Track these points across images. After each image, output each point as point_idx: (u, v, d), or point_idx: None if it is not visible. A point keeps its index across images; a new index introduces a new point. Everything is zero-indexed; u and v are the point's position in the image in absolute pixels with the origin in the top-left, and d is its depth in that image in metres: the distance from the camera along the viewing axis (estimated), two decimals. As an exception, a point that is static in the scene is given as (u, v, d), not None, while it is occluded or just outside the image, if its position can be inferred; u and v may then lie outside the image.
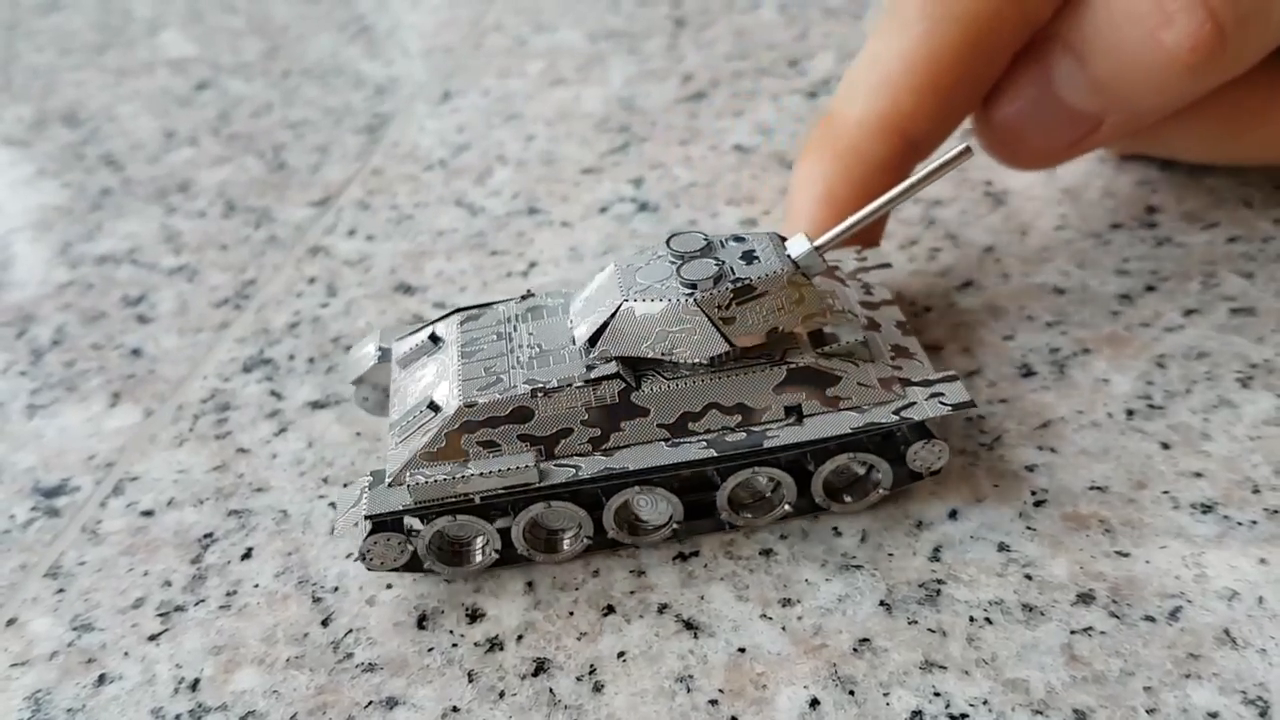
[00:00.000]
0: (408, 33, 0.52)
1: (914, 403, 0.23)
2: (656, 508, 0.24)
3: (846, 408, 0.23)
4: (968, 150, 0.23)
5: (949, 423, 0.26)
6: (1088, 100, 0.27)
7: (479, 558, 0.24)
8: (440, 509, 0.23)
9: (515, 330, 0.25)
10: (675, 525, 0.24)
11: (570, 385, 0.23)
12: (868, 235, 0.29)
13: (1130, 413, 0.26)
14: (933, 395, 0.24)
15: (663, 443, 0.23)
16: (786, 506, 0.24)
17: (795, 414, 0.23)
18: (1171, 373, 0.27)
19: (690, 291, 0.22)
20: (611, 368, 0.23)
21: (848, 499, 0.24)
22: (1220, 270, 0.30)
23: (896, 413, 0.23)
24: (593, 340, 0.23)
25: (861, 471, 0.24)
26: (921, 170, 0.23)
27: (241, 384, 0.31)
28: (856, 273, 0.28)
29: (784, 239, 0.24)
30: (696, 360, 0.23)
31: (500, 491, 0.23)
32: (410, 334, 0.26)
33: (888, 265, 0.28)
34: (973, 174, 0.35)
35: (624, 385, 0.23)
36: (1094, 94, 0.27)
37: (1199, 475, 0.24)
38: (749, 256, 0.23)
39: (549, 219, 0.36)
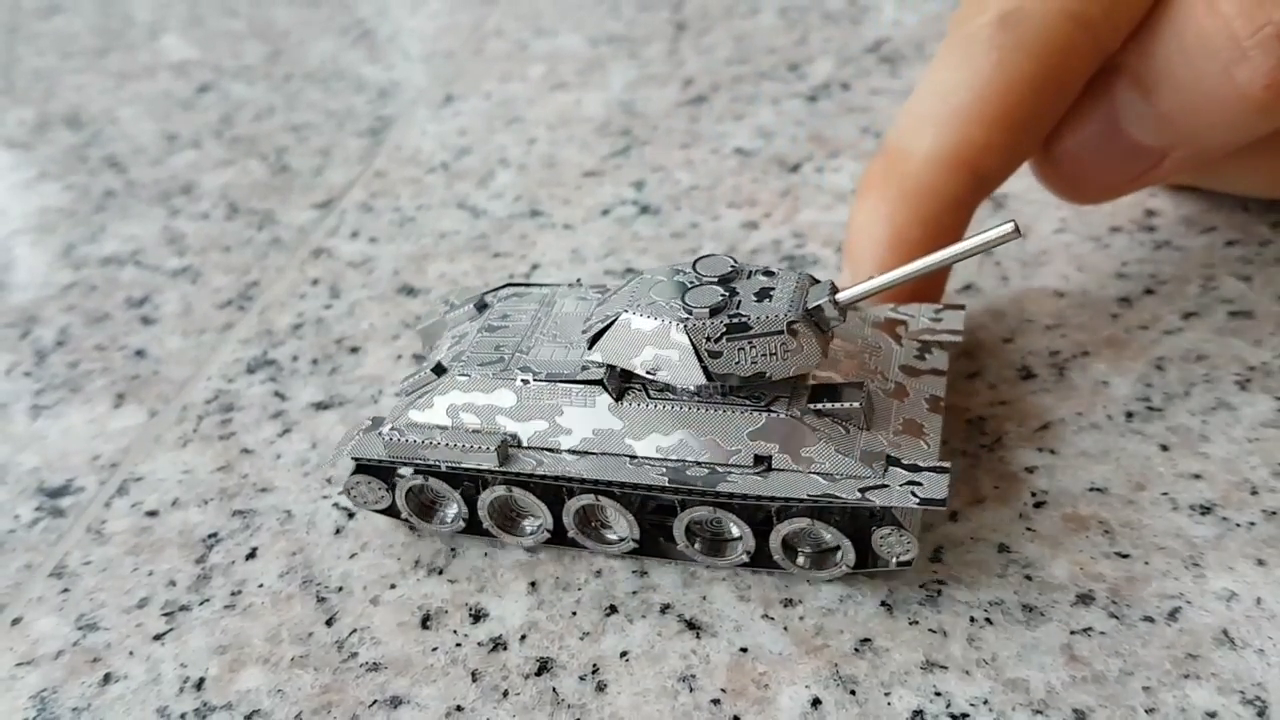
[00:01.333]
0: (409, 37, 0.52)
1: (886, 486, 0.22)
2: (618, 520, 0.24)
3: (816, 471, 0.22)
4: (1016, 231, 0.21)
5: (949, 425, 0.27)
6: (1153, 135, 0.26)
7: (449, 520, 0.25)
8: (413, 467, 0.24)
9: (546, 315, 0.25)
10: (633, 542, 0.24)
11: (556, 381, 0.23)
12: (929, 291, 0.28)
13: (1129, 415, 0.26)
14: (910, 483, 0.22)
15: (627, 458, 0.23)
16: (744, 555, 0.23)
17: (764, 464, 0.22)
18: (1170, 375, 0.27)
19: (685, 316, 0.22)
20: (598, 374, 0.23)
21: (801, 562, 0.23)
22: (1218, 274, 0.30)
23: (862, 491, 0.22)
24: (592, 343, 0.23)
25: (829, 540, 0.23)
26: (966, 243, 0.21)
27: (245, 385, 0.31)
28: (923, 332, 0.26)
29: (815, 281, 0.23)
30: (679, 385, 0.23)
31: (462, 466, 0.24)
32: (470, 297, 0.27)
33: (960, 308, 0.26)
34: (972, 178, 0.35)
35: (604, 393, 0.23)
36: (1160, 129, 0.26)
37: (1198, 477, 0.24)
38: (764, 294, 0.22)
39: (551, 221, 0.36)
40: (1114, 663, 0.21)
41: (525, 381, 0.23)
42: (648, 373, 0.22)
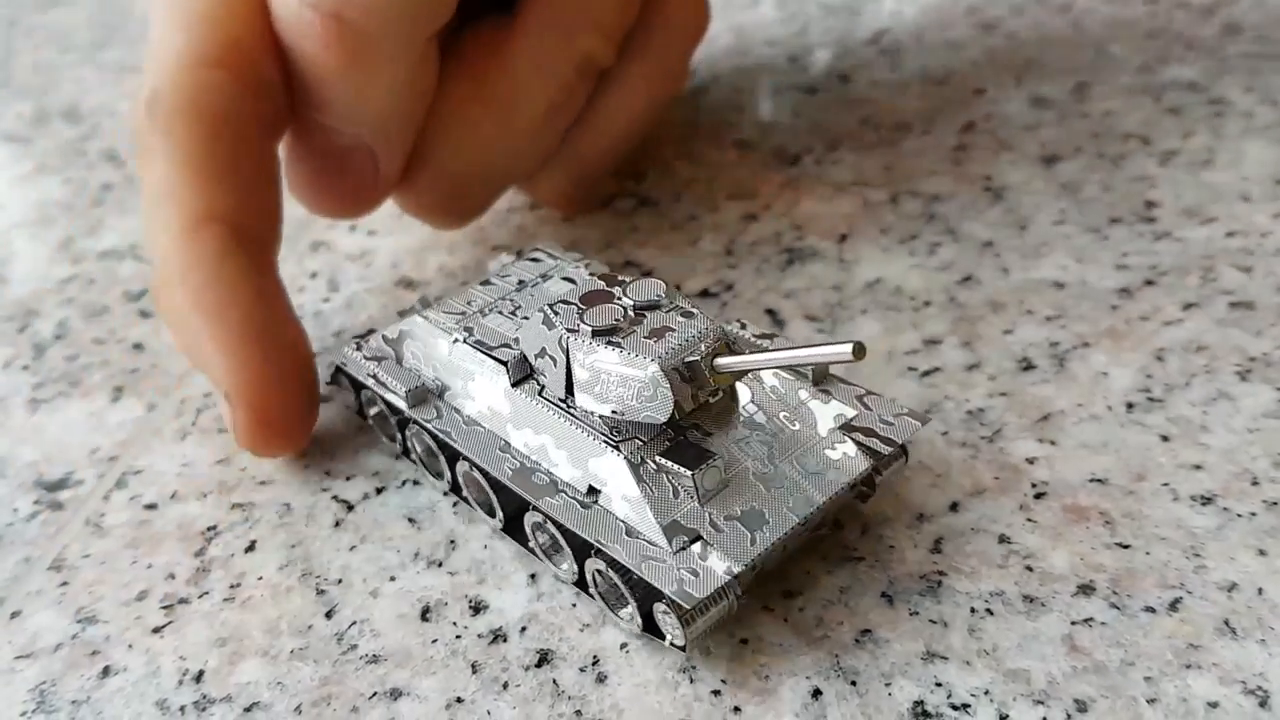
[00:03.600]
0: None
1: (664, 563, 0.21)
2: (487, 497, 0.25)
3: (626, 522, 0.22)
4: (851, 354, 0.20)
5: (949, 417, 0.26)
6: (339, 136, 0.29)
7: (397, 441, 0.27)
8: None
9: (532, 286, 0.26)
10: (500, 521, 0.25)
11: (478, 350, 0.24)
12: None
13: (1130, 406, 0.26)
14: (690, 571, 0.20)
15: (501, 443, 0.24)
16: (571, 572, 0.23)
17: (594, 497, 0.22)
18: (1171, 366, 0.27)
19: (572, 329, 0.22)
20: (516, 354, 0.24)
21: (607, 598, 0.23)
22: (1218, 265, 0.30)
23: (641, 558, 0.21)
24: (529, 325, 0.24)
25: (624, 593, 0.22)
26: (807, 350, 0.21)
27: (244, 378, 0.31)
28: (862, 431, 0.23)
29: (728, 343, 0.22)
30: (551, 391, 0.23)
31: (382, 397, 0.26)
32: (526, 249, 0.29)
33: (919, 421, 0.23)
34: (971, 169, 0.35)
35: (509, 374, 0.24)
36: (336, 124, 0.29)
37: (1198, 467, 0.24)
38: (661, 333, 0.22)
39: (551, 215, 0.36)
40: (1115, 653, 0.21)
41: (456, 340, 0.25)
42: (533, 370, 0.23)
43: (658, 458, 0.22)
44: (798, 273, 0.32)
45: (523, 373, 0.24)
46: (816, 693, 0.21)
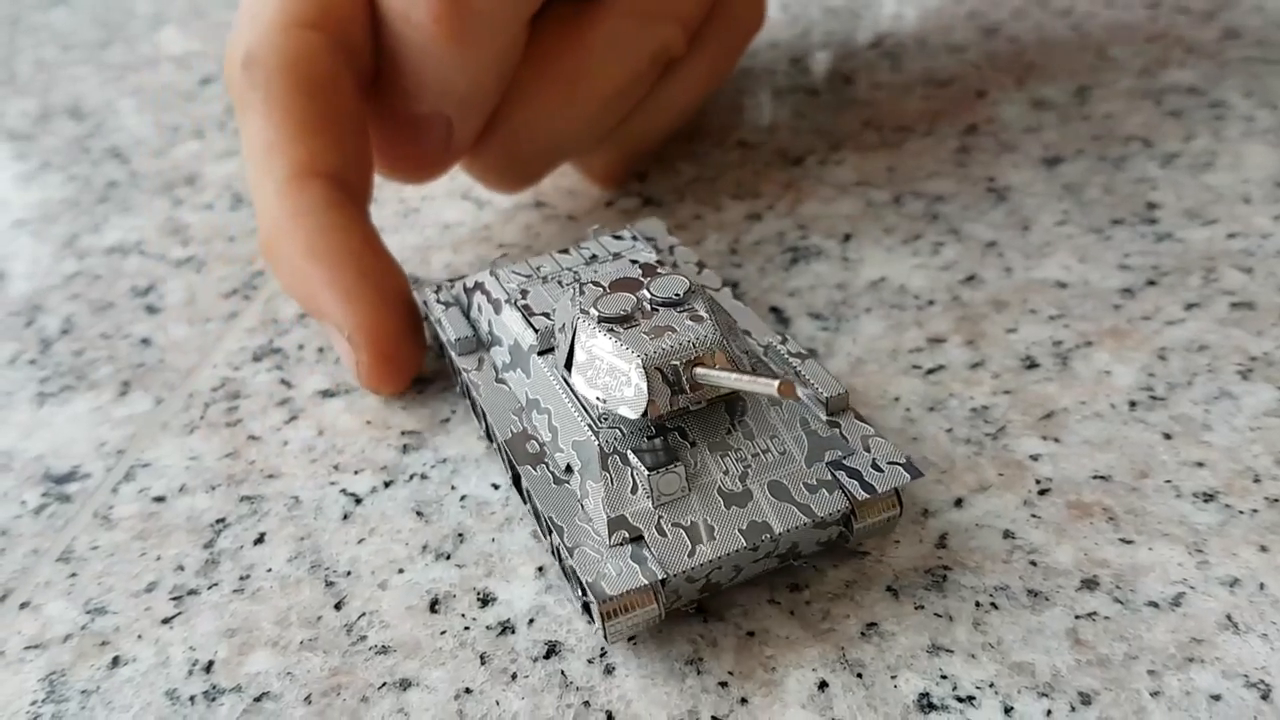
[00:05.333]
0: (411, 29, 0.52)
1: (596, 559, 0.21)
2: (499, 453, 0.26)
3: (584, 506, 0.22)
4: (776, 391, 0.20)
5: (954, 414, 0.27)
6: (421, 104, 0.30)
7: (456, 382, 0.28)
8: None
9: (609, 263, 0.26)
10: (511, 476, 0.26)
11: (522, 315, 0.25)
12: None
13: (1133, 404, 0.26)
14: (602, 574, 0.21)
15: (515, 406, 0.25)
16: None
17: (568, 475, 0.23)
18: (1173, 365, 0.27)
19: (584, 313, 0.23)
20: (549, 325, 0.25)
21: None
22: (1220, 265, 0.30)
23: (573, 546, 0.21)
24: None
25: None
26: (743, 378, 0.21)
27: (251, 373, 0.31)
28: (852, 473, 0.22)
29: (721, 346, 0.22)
30: (559, 366, 0.24)
31: (443, 341, 0.27)
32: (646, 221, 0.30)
33: (910, 474, 0.22)
34: (974, 170, 0.36)
35: (537, 342, 0.25)
36: (413, 93, 0.29)
37: (1200, 465, 0.25)
38: (663, 331, 0.22)
39: (555, 213, 0.36)
40: (1119, 647, 0.21)
41: (507, 300, 0.26)
42: (553, 342, 0.24)
43: (629, 452, 0.22)
44: (802, 272, 0.32)
45: (548, 343, 0.24)
46: (823, 684, 0.21)
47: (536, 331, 0.25)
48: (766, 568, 0.23)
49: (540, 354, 0.24)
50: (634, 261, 0.26)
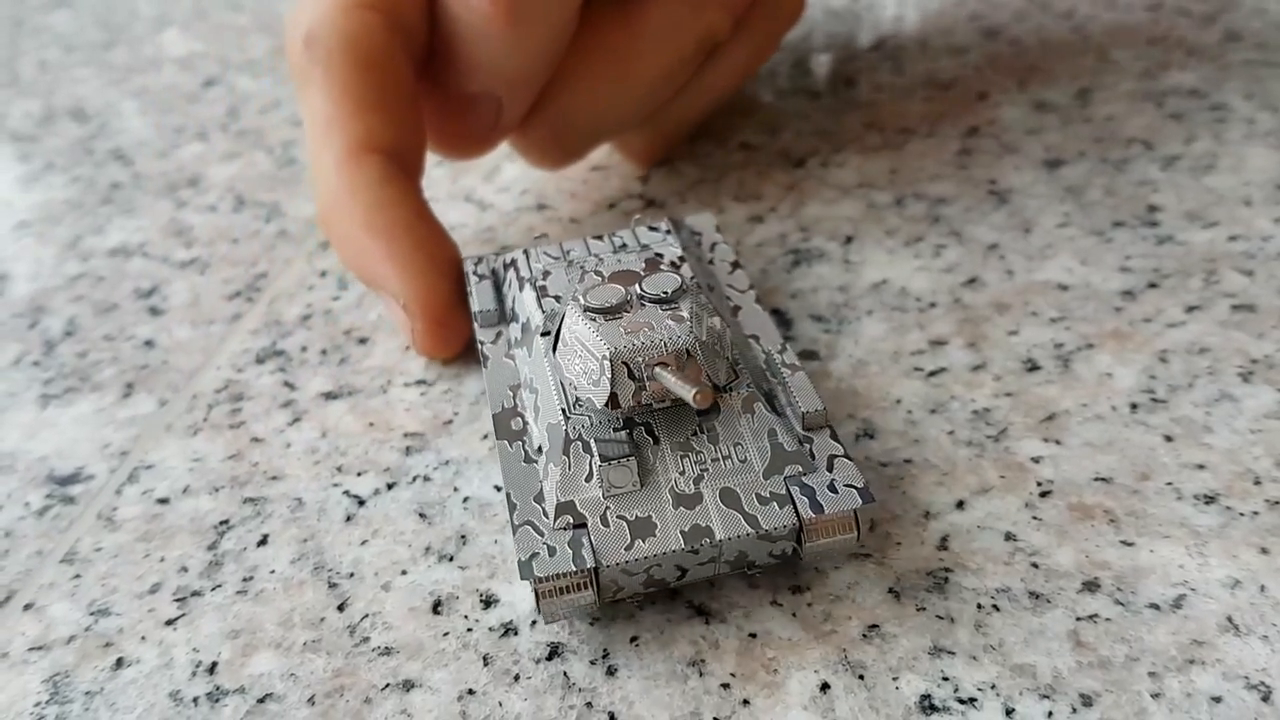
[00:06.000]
0: (414, 31, 0.52)
1: (537, 536, 0.22)
2: None
3: (541, 489, 0.23)
4: (692, 400, 0.21)
5: (955, 416, 0.27)
6: (473, 83, 0.31)
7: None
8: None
9: (633, 254, 0.27)
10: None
11: (534, 296, 0.26)
12: None
13: (1134, 406, 0.26)
14: (536, 554, 0.21)
15: (514, 380, 0.26)
16: None
17: (539, 455, 0.23)
18: (1174, 367, 0.27)
19: (574, 301, 0.23)
20: (558, 306, 0.25)
21: None
22: (1221, 268, 0.30)
23: (520, 523, 0.22)
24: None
25: None
26: (669, 382, 0.22)
27: (255, 375, 0.31)
28: (805, 494, 0.22)
29: (690, 352, 0.22)
30: (546, 350, 0.25)
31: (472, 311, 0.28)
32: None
33: (861, 498, 0.22)
34: (976, 172, 0.36)
35: (544, 325, 0.25)
36: (465, 73, 0.30)
37: (1201, 467, 0.25)
38: (643, 328, 0.22)
39: (558, 215, 0.36)
40: (1120, 649, 0.21)
41: (529, 282, 0.27)
42: (551, 325, 0.25)
43: (592, 440, 0.22)
44: (804, 274, 0.32)
45: (550, 326, 0.25)
46: (825, 686, 0.21)
47: (544, 314, 0.25)
48: (717, 572, 0.23)
49: (543, 335, 0.25)
50: (657, 255, 0.26)
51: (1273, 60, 0.40)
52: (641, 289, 0.23)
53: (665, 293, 0.23)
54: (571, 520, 0.22)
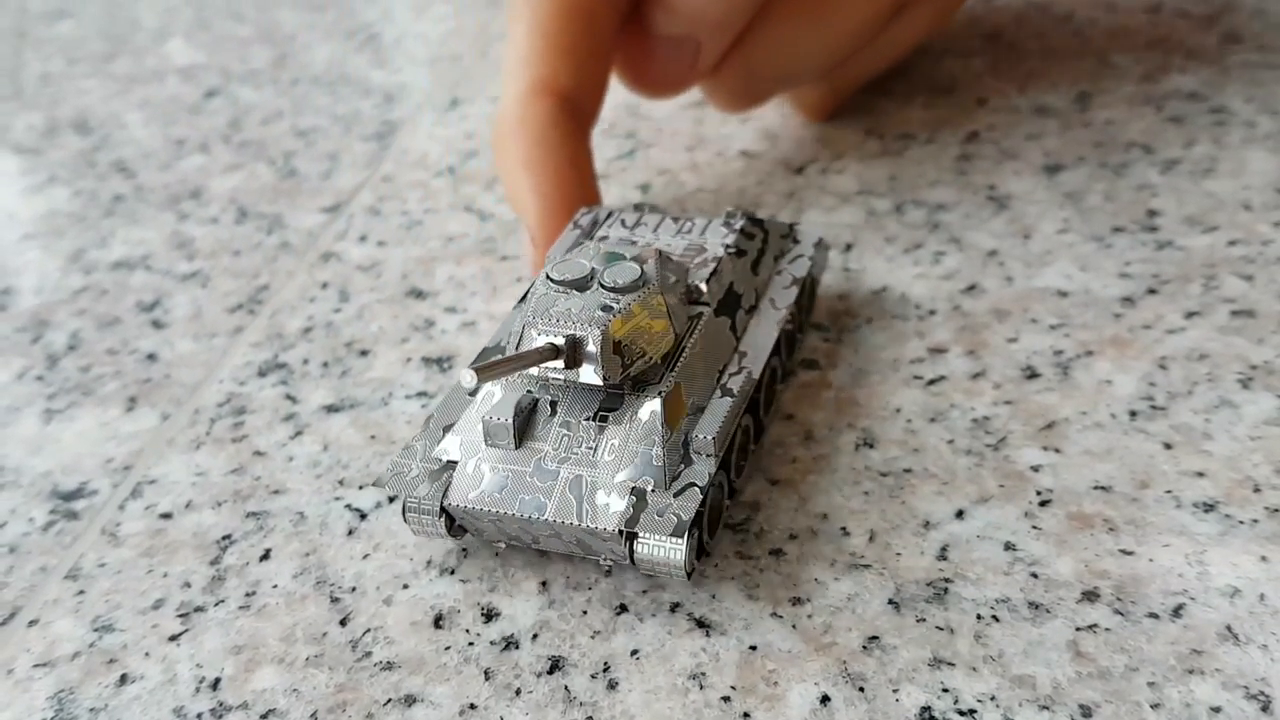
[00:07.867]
0: (414, 41, 0.52)
1: (412, 470, 0.24)
2: None
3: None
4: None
5: (955, 425, 0.27)
6: (675, 26, 0.32)
7: None
8: None
9: (640, 235, 0.28)
10: None
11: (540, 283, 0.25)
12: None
13: (1133, 413, 0.26)
14: (404, 473, 0.24)
15: (503, 343, 0.26)
16: None
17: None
18: (1173, 374, 0.27)
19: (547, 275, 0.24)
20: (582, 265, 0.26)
21: None
22: (1220, 273, 0.30)
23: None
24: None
25: None
26: (518, 355, 0.23)
27: (257, 388, 0.31)
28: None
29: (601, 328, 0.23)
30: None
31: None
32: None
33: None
34: (975, 178, 0.36)
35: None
36: (670, 17, 0.32)
37: (1201, 475, 0.25)
38: (599, 308, 0.23)
39: (557, 224, 0.36)
40: (1119, 659, 0.21)
41: (587, 238, 0.28)
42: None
43: (497, 391, 0.24)
44: (803, 282, 0.32)
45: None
46: (825, 699, 0.21)
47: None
48: (569, 552, 0.24)
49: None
50: (691, 245, 0.27)
51: (1273, 63, 0.40)
52: (603, 273, 0.24)
53: (617, 282, 0.24)
54: (446, 459, 0.24)
